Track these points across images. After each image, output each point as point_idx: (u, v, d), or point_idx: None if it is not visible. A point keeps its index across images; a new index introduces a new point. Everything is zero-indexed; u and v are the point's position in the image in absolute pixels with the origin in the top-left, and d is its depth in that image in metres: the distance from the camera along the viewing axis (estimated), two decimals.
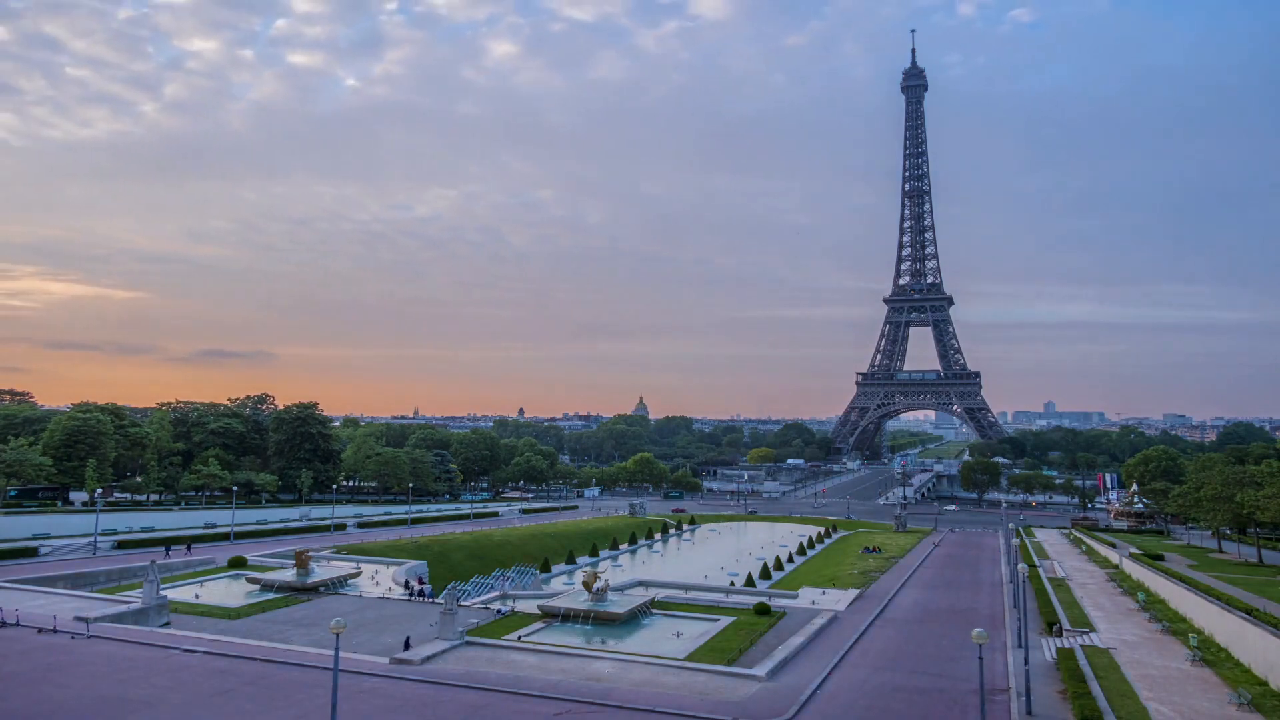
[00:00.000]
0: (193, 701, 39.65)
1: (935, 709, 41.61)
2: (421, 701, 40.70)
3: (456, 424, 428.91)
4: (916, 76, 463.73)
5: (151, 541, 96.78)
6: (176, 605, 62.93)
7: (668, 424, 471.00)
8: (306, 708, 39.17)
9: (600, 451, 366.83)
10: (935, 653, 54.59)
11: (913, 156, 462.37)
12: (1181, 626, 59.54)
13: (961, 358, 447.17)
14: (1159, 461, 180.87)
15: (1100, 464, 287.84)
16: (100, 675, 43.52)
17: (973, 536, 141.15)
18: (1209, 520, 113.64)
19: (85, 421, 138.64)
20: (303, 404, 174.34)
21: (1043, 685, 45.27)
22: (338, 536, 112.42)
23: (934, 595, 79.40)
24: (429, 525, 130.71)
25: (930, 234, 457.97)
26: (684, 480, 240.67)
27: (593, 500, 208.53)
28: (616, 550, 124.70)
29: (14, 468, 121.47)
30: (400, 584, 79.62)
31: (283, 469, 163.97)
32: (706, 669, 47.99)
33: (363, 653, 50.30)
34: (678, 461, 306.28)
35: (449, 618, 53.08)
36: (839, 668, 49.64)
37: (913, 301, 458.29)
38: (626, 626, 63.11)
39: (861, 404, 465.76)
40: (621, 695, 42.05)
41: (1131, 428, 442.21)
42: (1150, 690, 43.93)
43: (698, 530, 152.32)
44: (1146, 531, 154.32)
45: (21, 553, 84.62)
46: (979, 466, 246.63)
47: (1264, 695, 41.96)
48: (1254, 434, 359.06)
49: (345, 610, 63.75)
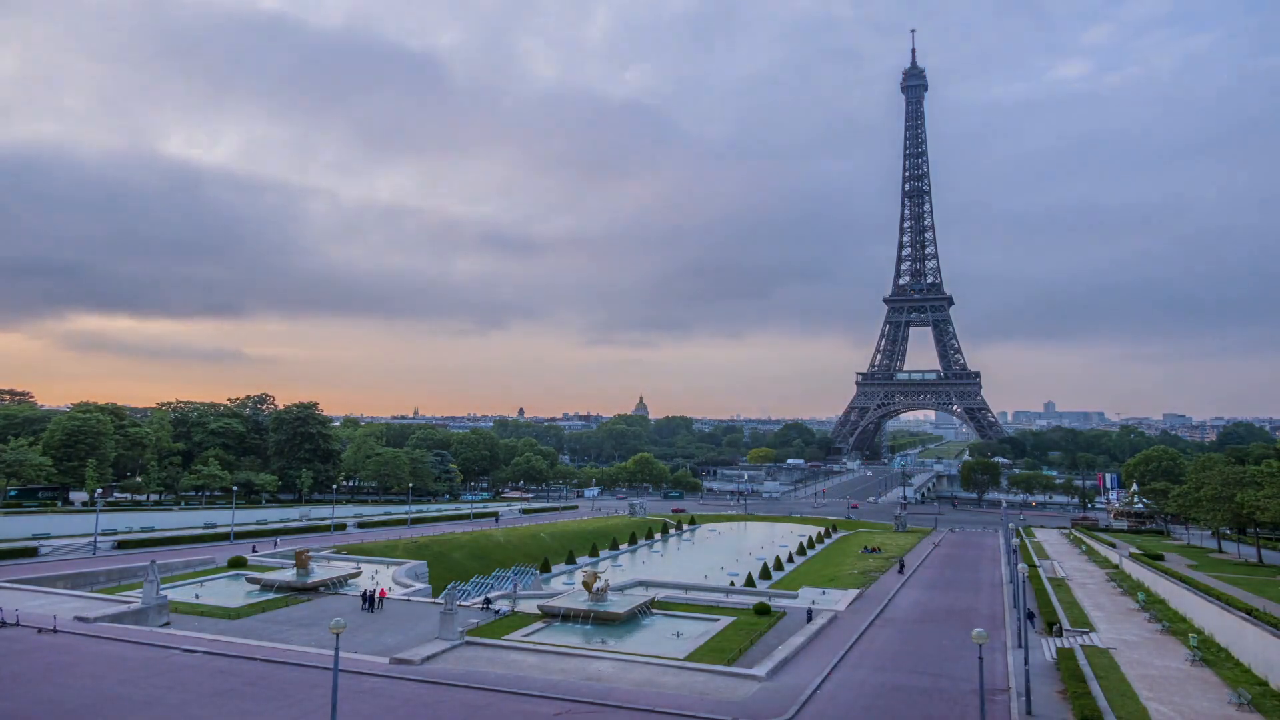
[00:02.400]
0: (193, 701, 39.65)
1: (935, 709, 41.60)
2: (421, 702, 40.71)
3: (456, 424, 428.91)
4: (916, 76, 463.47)
5: (151, 541, 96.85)
6: (176, 605, 62.98)
7: (668, 424, 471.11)
8: (306, 708, 39.18)
9: (600, 451, 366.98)
10: (935, 653, 54.58)
11: (912, 157, 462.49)
12: (1181, 626, 59.54)
13: (961, 358, 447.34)
14: (1159, 461, 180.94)
15: (1100, 464, 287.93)
16: (100, 675, 43.52)
17: (973, 536, 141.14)
18: (1209, 520, 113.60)
19: (85, 421, 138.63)
20: (303, 404, 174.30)
21: (1043, 685, 45.27)
22: (337, 536, 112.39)
23: (934, 595, 79.38)
24: (429, 525, 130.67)
25: (930, 234, 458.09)
26: (684, 480, 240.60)
27: (592, 500, 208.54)
28: (616, 550, 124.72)
29: (14, 468, 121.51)
30: (400, 584, 79.60)
31: (283, 469, 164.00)
32: (706, 669, 47.98)
33: (363, 653, 50.32)
34: (677, 461, 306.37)
35: (448, 618, 53.07)
36: (839, 668, 49.63)
37: (913, 301, 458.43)
38: (626, 626, 63.07)
39: (861, 404, 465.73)
40: (621, 695, 42.06)
41: (1131, 428, 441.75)
42: (1150, 690, 43.94)
43: (697, 530, 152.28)
44: (1146, 531, 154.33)
45: (21, 553, 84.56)
46: (979, 466, 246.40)
47: (1264, 695, 41.96)
48: (1254, 434, 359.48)
49: (345, 610, 63.79)
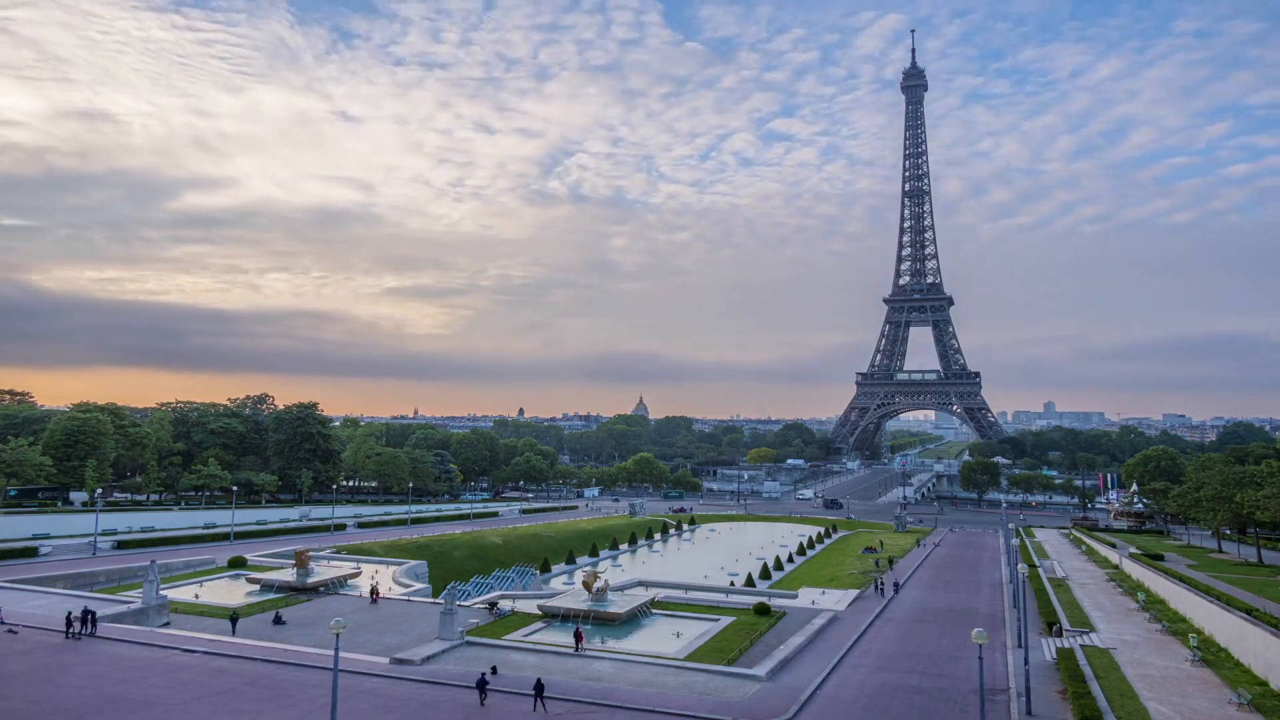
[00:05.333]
0: (192, 701, 39.66)
1: (935, 709, 41.60)
2: (421, 702, 40.71)
3: (456, 424, 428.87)
4: (916, 76, 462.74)
5: (151, 541, 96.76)
6: (176, 605, 63.00)
7: (668, 424, 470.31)
8: (306, 708, 39.18)
9: (600, 451, 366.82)
10: (935, 653, 54.59)
11: (912, 156, 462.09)
12: (1181, 626, 59.55)
13: (961, 358, 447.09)
14: (1159, 461, 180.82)
15: (1100, 464, 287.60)
16: (100, 675, 43.52)
17: (973, 536, 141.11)
18: (1209, 520, 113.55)
19: (85, 421, 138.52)
20: (303, 404, 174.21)
21: (1043, 685, 45.28)
22: (337, 536, 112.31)
23: (934, 595, 79.38)
24: (429, 525, 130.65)
25: (930, 234, 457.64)
26: (684, 480, 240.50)
27: (592, 500, 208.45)
28: (616, 550, 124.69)
29: (14, 468, 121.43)
30: (401, 584, 79.57)
31: (283, 469, 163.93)
32: (706, 669, 47.99)
33: (363, 653, 50.30)
34: (678, 461, 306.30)
35: (448, 618, 53.05)
36: (839, 668, 49.64)
37: (913, 301, 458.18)
38: (626, 626, 63.07)
39: (861, 404, 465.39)
40: (621, 695, 42.06)
41: (1131, 428, 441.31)
42: (1150, 690, 43.94)
43: (697, 530, 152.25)
44: (1146, 531, 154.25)
45: (21, 553, 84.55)
46: (979, 466, 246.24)
47: (1264, 695, 41.97)
48: (1254, 434, 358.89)
49: (345, 610, 63.77)
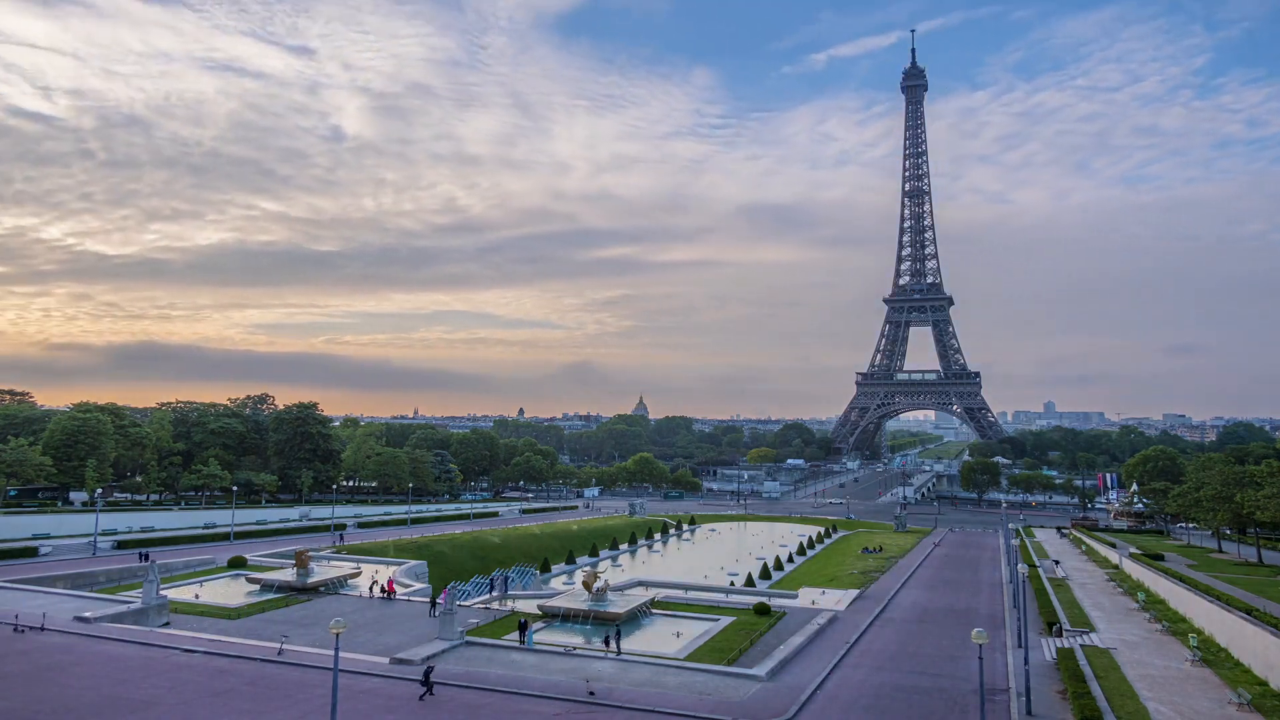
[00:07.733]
0: (192, 701, 39.65)
1: (935, 709, 41.60)
2: (421, 702, 40.71)
3: (456, 424, 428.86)
4: (916, 76, 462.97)
5: (151, 541, 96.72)
6: (176, 605, 62.94)
7: (667, 424, 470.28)
8: (306, 708, 39.17)
9: (600, 451, 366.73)
10: (935, 653, 54.58)
11: (912, 156, 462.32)
12: (1181, 626, 59.56)
13: (961, 358, 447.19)
14: (1159, 461, 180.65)
15: (1100, 464, 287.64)
16: (100, 675, 43.52)
17: (972, 536, 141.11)
18: (1209, 520, 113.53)
19: (85, 421, 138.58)
20: (303, 404, 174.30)
21: (1043, 685, 45.28)
22: (338, 536, 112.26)
23: (934, 595, 79.36)
24: (429, 525, 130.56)
25: (930, 234, 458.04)
26: (684, 480, 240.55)
27: (592, 500, 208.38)
28: (616, 550, 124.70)
29: (14, 468, 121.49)
30: (400, 584, 79.34)
31: (283, 469, 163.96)
32: (706, 669, 47.98)
33: (362, 653, 50.29)
34: (677, 461, 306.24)
35: (448, 618, 53.04)
36: (839, 668, 49.62)
37: (913, 301, 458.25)
38: (626, 626, 63.03)
39: (861, 404, 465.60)
40: (621, 695, 42.05)
41: (1131, 428, 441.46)
42: (1150, 690, 43.94)
43: (697, 530, 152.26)
44: (1146, 531, 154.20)
45: (21, 553, 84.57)
46: (979, 466, 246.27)
47: (1264, 695, 41.97)
48: (1254, 434, 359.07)
49: (345, 610, 63.77)
